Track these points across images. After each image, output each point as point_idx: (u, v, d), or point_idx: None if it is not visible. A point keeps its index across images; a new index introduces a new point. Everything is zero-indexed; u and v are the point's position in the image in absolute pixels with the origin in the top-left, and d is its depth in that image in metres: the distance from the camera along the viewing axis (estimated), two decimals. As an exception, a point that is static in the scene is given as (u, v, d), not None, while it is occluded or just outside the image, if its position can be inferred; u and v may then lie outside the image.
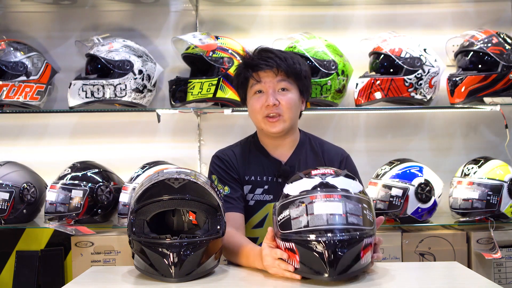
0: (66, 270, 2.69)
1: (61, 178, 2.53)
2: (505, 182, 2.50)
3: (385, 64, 2.66)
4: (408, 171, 2.55)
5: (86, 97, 2.54)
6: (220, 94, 2.56)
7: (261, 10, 2.97)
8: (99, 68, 2.61)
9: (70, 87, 2.56)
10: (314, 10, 2.96)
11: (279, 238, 1.47)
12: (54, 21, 2.97)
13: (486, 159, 2.61)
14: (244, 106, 1.96)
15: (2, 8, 2.96)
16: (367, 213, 1.45)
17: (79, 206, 2.48)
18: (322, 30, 2.86)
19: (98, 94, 2.54)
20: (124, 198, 2.46)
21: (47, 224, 2.48)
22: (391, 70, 2.62)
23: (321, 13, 2.97)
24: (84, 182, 2.52)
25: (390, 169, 2.59)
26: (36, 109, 2.67)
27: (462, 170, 2.61)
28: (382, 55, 2.63)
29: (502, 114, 2.66)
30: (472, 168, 2.58)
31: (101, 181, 2.56)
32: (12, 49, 2.59)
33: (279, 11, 2.98)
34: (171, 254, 1.46)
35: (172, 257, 1.46)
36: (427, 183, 2.52)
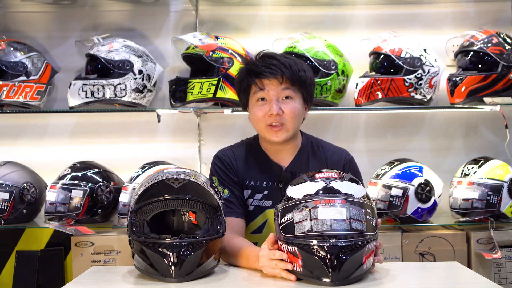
0: (66, 270, 2.69)
1: (61, 178, 2.53)
2: (505, 182, 2.50)
3: (385, 64, 2.66)
4: (408, 171, 2.55)
5: (86, 97, 2.54)
6: (220, 94, 2.56)
7: (261, 10, 2.97)
8: (99, 68, 2.61)
9: (70, 87, 2.56)
10: (314, 10, 2.96)
11: (282, 241, 1.46)
12: (54, 21, 2.97)
13: (486, 159, 2.61)
14: (245, 111, 1.92)
15: (2, 8, 2.96)
16: (370, 218, 1.44)
17: (79, 206, 2.48)
18: (322, 30, 2.86)
19: (98, 94, 2.54)
20: (124, 198, 2.46)
21: (47, 224, 2.48)
22: (391, 70, 2.62)
23: (321, 13, 2.96)
24: (84, 182, 2.51)
25: (390, 169, 2.58)
26: (36, 109, 2.67)
27: (462, 170, 2.61)
28: (382, 55, 2.63)
29: (502, 114, 2.66)
30: (472, 168, 2.58)
31: (101, 181, 2.55)
32: (12, 49, 2.59)
33: (279, 11, 2.98)
34: (171, 254, 1.46)
35: (172, 257, 1.46)
36: (427, 183, 2.52)
